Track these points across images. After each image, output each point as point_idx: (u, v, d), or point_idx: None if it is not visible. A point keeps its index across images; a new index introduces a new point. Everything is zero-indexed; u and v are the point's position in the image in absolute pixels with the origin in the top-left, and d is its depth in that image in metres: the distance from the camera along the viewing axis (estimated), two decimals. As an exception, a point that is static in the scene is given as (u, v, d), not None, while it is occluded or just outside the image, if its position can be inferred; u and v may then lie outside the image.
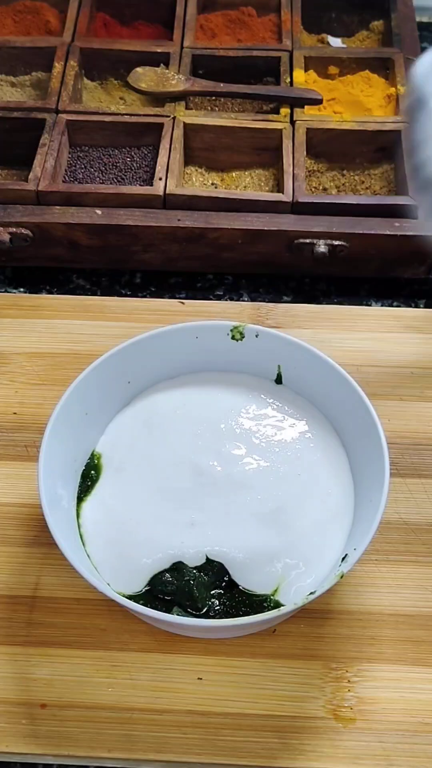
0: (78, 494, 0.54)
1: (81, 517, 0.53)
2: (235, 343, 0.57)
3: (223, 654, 0.51)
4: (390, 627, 0.53)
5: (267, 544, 0.51)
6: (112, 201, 0.72)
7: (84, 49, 0.82)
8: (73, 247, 0.72)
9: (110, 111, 0.78)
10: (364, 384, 0.54)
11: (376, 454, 0.51)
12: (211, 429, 0.56)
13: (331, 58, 0.84)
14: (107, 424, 0.57)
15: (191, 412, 0.57)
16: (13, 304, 0.69)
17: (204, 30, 0.87)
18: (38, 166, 0.73)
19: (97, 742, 0.49)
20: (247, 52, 0.83)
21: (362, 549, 0.47)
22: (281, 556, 0.51)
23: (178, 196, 0.72)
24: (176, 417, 0.57)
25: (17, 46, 0.83)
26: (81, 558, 0.50)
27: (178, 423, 0.56)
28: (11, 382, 0.64)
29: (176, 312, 0.68)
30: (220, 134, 0.77)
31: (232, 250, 0.72)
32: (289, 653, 0.52)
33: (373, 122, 0.77)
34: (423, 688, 0.51)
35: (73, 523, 0.53)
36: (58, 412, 0.52)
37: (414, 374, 0.64)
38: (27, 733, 0.49)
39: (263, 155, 0.77)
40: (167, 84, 0.80)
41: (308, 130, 0.76)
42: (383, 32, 0.88)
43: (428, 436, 0.61)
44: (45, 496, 0.49)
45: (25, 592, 0.54)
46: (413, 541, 0.56)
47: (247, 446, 0.56)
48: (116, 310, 0.68)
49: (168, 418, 0.57)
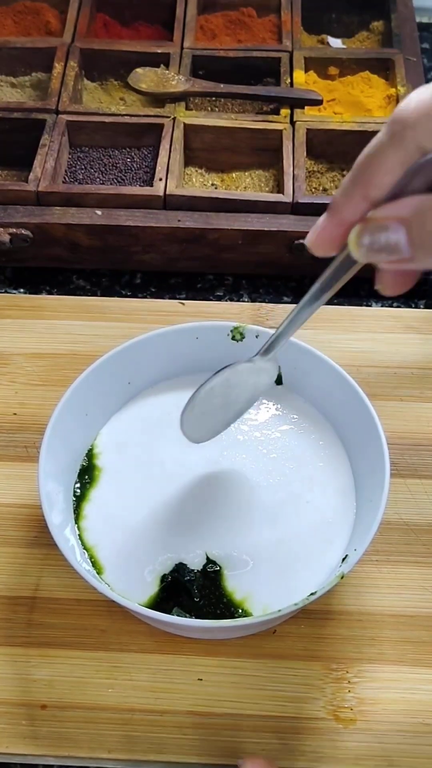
0: (78, 495, 0.54)
1: (82, 518, 0.53)
2: (236, 344, 0.57)
3: (223, 655, 0.51)
4: (390, 628, 0.53)
5: (267, 544, 0.51)
6: (112, 202, 0.72)
7: (84, 50, 0.82)
8: (74, 248, 0.72)
9: (110, 112, 0.78)
10: (364, 384, 0.54)
11: (376, 455, 0.51)
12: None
13: (331, 58, 0.84)
14: (107, 424, 0.57)
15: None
16: (13, 305, 0.69)
17: (204, 31, 0.87)
18: (38, 167, 0.73)
19: (97, 743, 0.49)
20: (248, 53, 0.83)
21: (362, 549, 0.47)
22: (281, 556, 0.51)
23: (179, 196, 0.72)
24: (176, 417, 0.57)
25: (17, 47, 0.83)
26: (80, 559, 0.50)
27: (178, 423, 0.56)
28: (11, 382, 0.64)
29: (176, 312, 0.68)
30: (220, 135, 0.77)
31: (233, 250, 0.72)
32: (290, 654, 0.51)
33: (373, 123, 0.77)
34: (423, 689, 0.50)
35: (73, 524, 0.53)
36: (58, 413, 0.52)
37: (414, 375, 0.64)
38: (27, 734, 0.49)
39: (263, 156, 0.77)
40: (167, 85, 0.80)
41: (308, 131, 0.76)
42: (383, 33, 0.88)
43: (428, 437, 0.61)
44: (45, 496, 0.49)
45: (25, 592, 0.54)
46: (413, 541, 0.56)
47: (246, 446, 0.56)
48: (116, 310, 0.68)
49: (168, 418, 0.57)
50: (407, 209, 0.34)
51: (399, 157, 0.33)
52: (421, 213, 0.33)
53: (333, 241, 0.37)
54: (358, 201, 0.35)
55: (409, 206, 0.34)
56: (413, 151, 0.33)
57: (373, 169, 0.34)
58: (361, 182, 0.35)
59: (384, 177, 0.34)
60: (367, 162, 0.34)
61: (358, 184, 0.35)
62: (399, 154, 0.33)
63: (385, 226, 0.34)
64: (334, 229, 0.36)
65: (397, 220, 0.34)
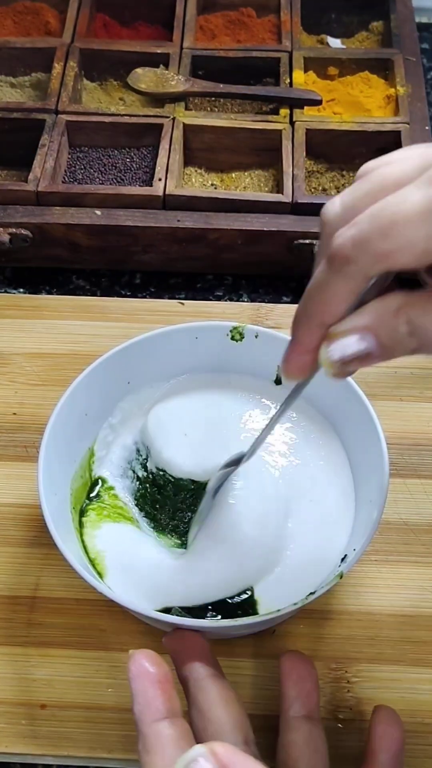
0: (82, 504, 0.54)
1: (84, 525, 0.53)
2: (235, 344, 0.57)
3: (223, 654, 0.51)
4: (390, 627, 0.53)
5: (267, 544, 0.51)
6: (111, 202, 0.72)
7: (84, 50, 0.82)
8: (73, 248, 0.72)
9: (110, 112, 0.78)
10: (363, 384, 0.54)
11: (376, 455, 0.51)
12: (210, 429, 0.56)
13: (330, 58, 0.84)
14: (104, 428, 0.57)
15: (190, 413, 0.57)
16: (12, 305, 0.69)
17: (204, 31, 0.87)
18: (38, 167, 0.73)
19: (97, 743, 0.49)
20: (247, 53, 0.83)
21: (362, 549, 0.47)
22: (281, 556, 0.51)
23: (178, 196, 0.72)
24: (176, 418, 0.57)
25: (17, 47, 0.83)
26: (80, 558, 0.50)
27: (178, 424, 0.56)
28: (11, 382, 0.64)
29: (176, 312, 0.68)
30: (220, 135, 0.77)
31: (232, 250, 0.72)
32: (289, 654, 0.51)
33: (373, 123, 0.77)
34: (423, 689, 0.51)
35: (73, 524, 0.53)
36: (58, 413, 0.52)
37: (414, 375, 0.64)
38: (27, 734, 0.49)
39: (263, 156, 0.77)
40: (167, 85, 0.80)
41: (308, 131, 0.76)
42: (383, 33, 0.88)
43: (428, 437, 0.61)
44: (45, 496, 0.49)
45: (24, 592, 0.54)
46: (413, 541, 0.56)
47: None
48: (116, 310, 0.69)
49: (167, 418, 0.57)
50: (369, 318, 0.34)
51: (348, 287, 0.34)
52: (384, 318, 0.34)
53: (305, 367, 0.38)
54: (316, 330, 0.36)
55: (371, 315, 0.34)
56: (360, 281, 0.34)
57: (327, 302, 0.35)
58: (315, 314, 0.35)
59: (339, 306, 0.35)
60: (318, 296, 0.35)
61: (312, 317, 0.36)
62: (348, 285, 0.34)
63: (353, 339, 0.35)
64: (301, 357, 0.37)
65: (363, 329, 0.35)
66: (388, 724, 0.45)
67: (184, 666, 0.44)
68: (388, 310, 0.34)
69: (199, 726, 0.42)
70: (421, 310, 0.34)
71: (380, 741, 0.44)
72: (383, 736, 0.44)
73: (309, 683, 0.45)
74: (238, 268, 0.74)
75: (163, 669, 0.40)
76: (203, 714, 0.42)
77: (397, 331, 0.34)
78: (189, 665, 0.44)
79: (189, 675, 0.44)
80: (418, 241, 0.32)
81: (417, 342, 0.34)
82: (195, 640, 0.45)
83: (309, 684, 0.45)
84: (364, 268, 0.33)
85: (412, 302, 0.34)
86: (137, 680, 0.39)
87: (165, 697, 0.39)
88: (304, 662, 0.46)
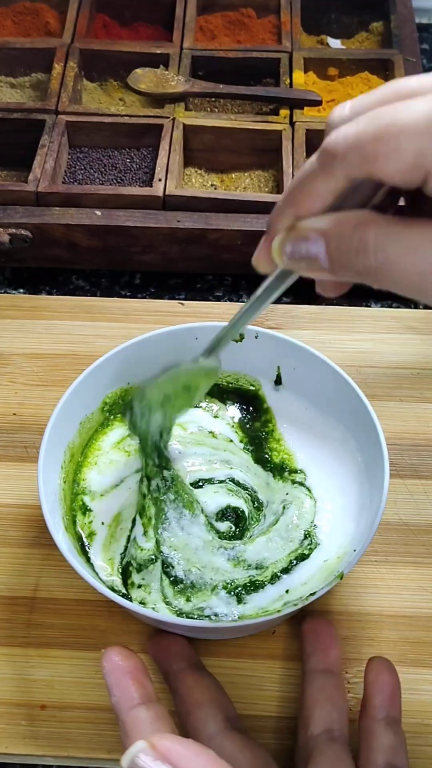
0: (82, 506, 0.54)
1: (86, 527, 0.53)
2: (235, 344, 0.57)
3: (222, 655, 0.51)
4: (389, 628, 0.53)
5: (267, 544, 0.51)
6: (111, 202, 0.72)
7: (84, 51, 0.82)
8: (73, 248, 0.72)
9: (110, 112, 0.78)
10: (363, 385, 0.54)
11: (376, 455, 0.51)
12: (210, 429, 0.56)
13: (330, 59, 0.84)
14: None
15: (190, 413, 0.57)
16: (12, 305, 0.69)
17: (204, 31, 0.87)
18: (38, 167, 0.73)
19: (96, 744, 0.49)
20: (247, 54, 0.83)
21: (362, 550, 0.47)
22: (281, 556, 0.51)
23: (178, 197, 0.72)
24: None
25: (17, 48, 0.83)
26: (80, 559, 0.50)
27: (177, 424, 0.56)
28: (11, 383, 0.64)
29: (176, 313, 0.68)
30: (220, 135, 0.77)
31: (232, 251, 0.72)
32: (289, 654, 0.51)
33: (373, 123, 0.77)
34: (423, 690, 0.51)
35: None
36: (58, 413, 0.52)
37: (413, 375, 0.64)
38: (27, 735, 0.49)
39: (263, 156, 0.77)
40: (167, 85, 0.80)
41: (308, 132, 0.76)
42: (383, 34, 0.88)
43: (428, 438, 0.61)
44: (45, 497, 0.49)
45: (24, 593, 0.54)
46: (413, 542, 0.56)
47: (246, 447, 0.56)
48: (116, 311, 0.68)
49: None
50: (328, 223, 0.34)
51: (329, 185, 0.34)
52: (341, 228, 0.34)
53: (271, 258, 0.37)
54: (288, 222, 0.36)
55: (331, 221, 0.34)
56: (342, 180, 0.33)
57: (305, 194, 0.35)
58: (293, 204, 0.35)
59: (315, 202, 0.35)
60: (299, 187, 0.35)
61: (290, 206, 0.36)
62: (329, 183, 0.34)
63: (306, 237, 0.35)
64: (269, 245, 0.37)
65: (318, 232, 0.34)
66: (380, 672, 0.46)
67: (165, 664, 0.48)
68: (349, 221, 0.34)
69: (182, 712, 0.45)
70: (378, 230, 0.33)
71: (372, 686, 0.46)
72: (374, 682, 0.46)
73: (327, 638, 0.48)
74: (238, 269, 0.74)
75: (133, 661, 0.42)
76: (184, 700, 0.45)
77: (347, 245, 0.33)
78: (168, 662, 0.47)
79: (169, 670, 0.47)
80: (407, 152, 0.31)
81: (362, 264, 0.33)
82: (173, 641, 0.48)
83: (327, 639, 0.48)
84: (348, 167, 0.33)
85: (375, 221, 0.33)
86: (111, 674, 0.42)
87: (137, 685, 0.41)
88: (323, 622, 0.49)
